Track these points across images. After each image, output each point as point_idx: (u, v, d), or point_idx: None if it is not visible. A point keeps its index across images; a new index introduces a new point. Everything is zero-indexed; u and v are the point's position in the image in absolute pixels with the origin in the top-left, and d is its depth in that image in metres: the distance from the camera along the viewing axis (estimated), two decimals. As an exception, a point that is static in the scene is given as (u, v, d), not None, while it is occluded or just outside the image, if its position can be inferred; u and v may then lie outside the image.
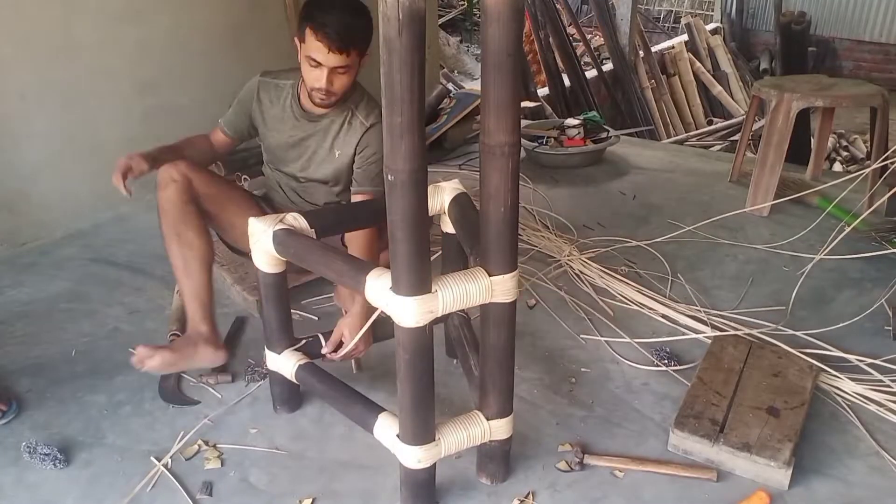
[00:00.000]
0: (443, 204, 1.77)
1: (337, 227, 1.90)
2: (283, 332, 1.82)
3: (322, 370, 1.78)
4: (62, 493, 1.64)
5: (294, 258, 1.64)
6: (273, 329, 1.81)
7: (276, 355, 1.82)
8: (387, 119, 1.22)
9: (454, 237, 1.81)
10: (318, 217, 1.75)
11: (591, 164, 3.83)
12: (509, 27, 1.22)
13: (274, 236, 1.62)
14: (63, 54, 2.85)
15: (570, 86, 6.38)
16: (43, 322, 2.32)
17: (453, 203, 1.75)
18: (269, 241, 1.63)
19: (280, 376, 1.84)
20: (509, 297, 1.44)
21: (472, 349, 1.80)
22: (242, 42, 3.49)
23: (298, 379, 1.79)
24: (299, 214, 1.69)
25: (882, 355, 2.08)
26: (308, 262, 1.60)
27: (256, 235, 1.66)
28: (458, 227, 1.72)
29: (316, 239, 1.66)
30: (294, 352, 1.82)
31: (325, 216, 1.86)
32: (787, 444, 1.67)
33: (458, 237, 1.75)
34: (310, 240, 1.63)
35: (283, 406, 1.90)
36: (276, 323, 1.80)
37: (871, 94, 3.08)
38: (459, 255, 1.85)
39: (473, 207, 1.75)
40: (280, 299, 1.77)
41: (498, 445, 1.62)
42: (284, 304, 1.79)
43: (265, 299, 1.77)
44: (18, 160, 2.80)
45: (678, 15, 10.28)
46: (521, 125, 1.34)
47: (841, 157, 6.16)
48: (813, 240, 2.72)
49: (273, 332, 1.81)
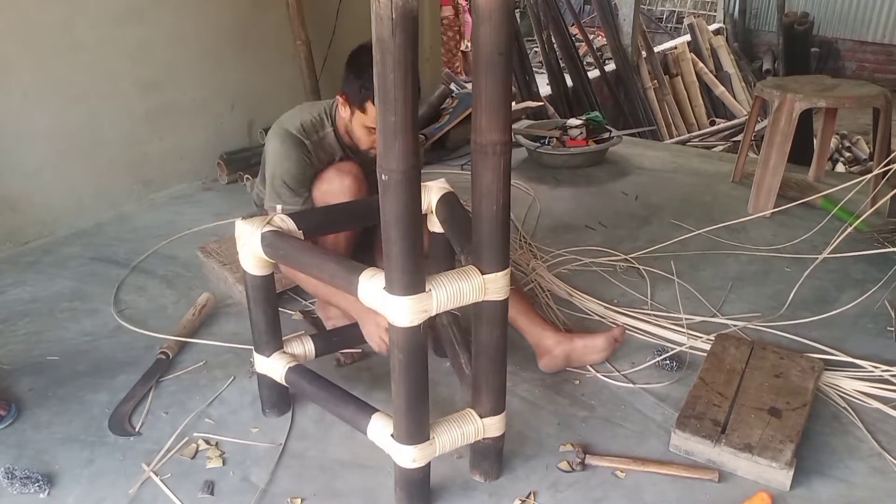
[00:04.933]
0: (430, 203, 1.77)
1: (325, 228, 1.89)
2: (272, 335, 1.80)
3: (312, 372, 1.76)
4: (64, 493, 1.64)
5: (283, 260, 1.63)
6: (261, 332, 1.79)
7: (265, 358, 1.80)
8: (381, 119, 1.22)
9: (441, 236, 1.80)
10: (306, 218, 1.74)
11: (594, 165, 3.82)
12: (500, 27, 1.23)
13: (262, 238, 1.60)
14: (65, 54, 2.86)
15: (573, 86, 6.38)
16: (45, 321, 2.32)
17: (441, 202, 1.75)
18: (256, 243, 1.61)
19: (269, 379, 1.82)
20: (501, 294, 1.45)
21: (461, 348, 1.80)
22: (244, 41, 3.50)
23: (288, 381, 1.77)
24: (286, 216, 1.68)
25: (884, 356, 2.08)
26: (299, 263, 1.59)
27: (244, 238, 1.65)
28: (448, 226, 1.72)
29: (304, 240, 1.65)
30: (283, 354, 1.80)
31: (312, 217, 1.85)
32: (788, 445, 1.66)
33: (448, 236, 1.74)
34: (300, 241, 1.62)
35: (273, 409, 1.88)
36: (264, 325, 1.78)
37: (873, 95, 3.08)
38: (446, 253, 1.84)
39: (462, 206, 1.75)
40: (268, 301, 1.76)
41: (491, 443, 1.62)
42: (272, 306, 1.77)
43: (252, 302, 1.75)
44: (21, 159, 2.80)
45: (681, 15, 10.29)
46: (512, 124, 1.35)
47: (843, 158, 6.15)
48: (816, 241, 2.71)
49: (261, 334, 1.79)
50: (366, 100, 2.00)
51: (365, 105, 2.01)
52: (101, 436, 1.81)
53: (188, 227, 2.99)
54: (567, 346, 2.01)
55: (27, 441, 1.79)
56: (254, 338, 1.81)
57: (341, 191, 2.06)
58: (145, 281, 2.57)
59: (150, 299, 2.45)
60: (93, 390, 1.98)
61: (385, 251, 1.31)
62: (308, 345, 1.89)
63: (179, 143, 3.37)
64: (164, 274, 2.62)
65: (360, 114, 2.04)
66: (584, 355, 2.03)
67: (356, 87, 2.00)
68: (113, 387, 1.99)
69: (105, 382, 2.01)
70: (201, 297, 2.34)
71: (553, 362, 2.02)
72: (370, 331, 1.91)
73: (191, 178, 3.47)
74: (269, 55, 3.63)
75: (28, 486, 1.62)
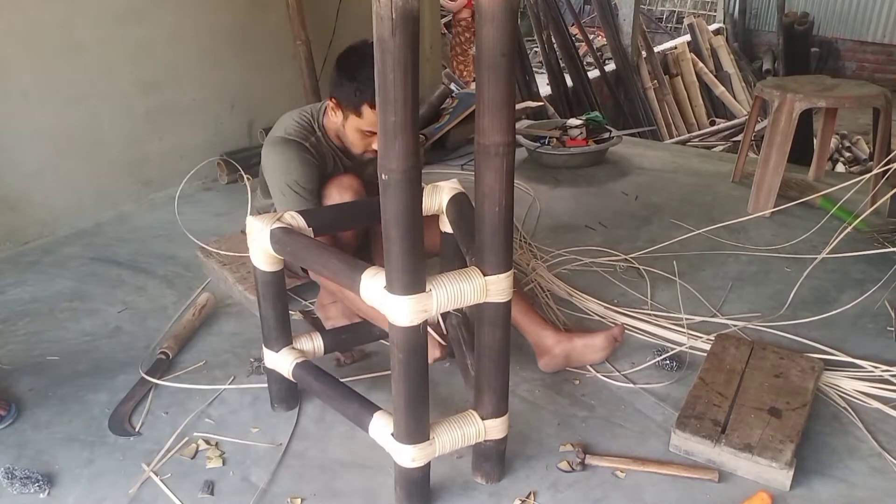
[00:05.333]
0: (441, 204, 1.77)
1: (335, 226, 1.90)
2: (281, 330, 1.81)
3: (319, 368, 1.78)
4: (64, 493, 1.64)
5: (290, 256, 1.64)
6: (270, 327, 1.80)
7: (274, 353, 1.82)
8: (381, 119, 1.22)
9: (453, 237, 1.80)
10: (316, 216, 1.75)
11: (594, 165, 3.82)
12: (504, 28, 1.23)
13: (271, 235, 1.62)
14: (65, 53, 2.86)
15: (573, 86, 6.38)
16: (45, 321, 2.32)
17: (451, 203, 1.75)
18: (266, 240, 1.63)
19: (277, 374, 1.84)
20: (504, 296, 1.44)
21: (468, 348, 1.80)
22: (244, 41, 3.50)
23: (295, 377, 1.78)
24: (297, 213, 1.69)
25: (884, 356, 2.08)
26: (304, 260, 1.60)
27: (254, 234, 1.66)
28: (456, 227, 1.72)
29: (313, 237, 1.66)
30: (291, 350, 1.82)
31: (323, 215, 1.86)
32: (788, 445, 1.66)
33: (456, 237, 1.74)
34: (306, 238, 1.63)
35: (281, 404, 1.90)
36: (273, 321, 1.79)
37: (873, 95, 3.08)
38: (457, 254, 1.85)
39: (471, 207, 1.75)
40: (278, 297, 1.77)
41: (493, 445, 1.62)
42: (282, 302, 1.79)
43: (262, 297, 1.77)
44: (21, 159, 2.80)
45: (681, 15, 10.29)
46: (515, 125, 1.35)
47: (843, 158, 6.15)
48: (815, 241, 2.71)
49: (270, 330, 1.81)
50: (362, 103, 1.96)
51: (361, 109, 1.97)
52: (101, 436, 1.81)
53: (188, 227, 2.99)
54: (567, 346, 2.01)
55: (27, 441, 1.79)
56: (263, 333, 1.82)
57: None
58: (145, 281, 2.57)
59: (150, 299, 2.45)
60: (93, 390, 1.98)
61: (385, 251, 1.31)
62: (317, 341, 1.90)
63: (179, 143, 3.37)
64: (164, 274, 2.62)
65: (355, 118, 2.01)
66: (584, 355, 2.03)
67: (350, 91, 1.96)
68: (113, 387, 1.99)
69: (105, 382, 2.01)
70: (201, 297, 2.34)
71: (553, 362, 2.02)
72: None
73: (191, 179, 3.46)
74: (269, 55, 3.63)
75: (28, 486, 1.62)
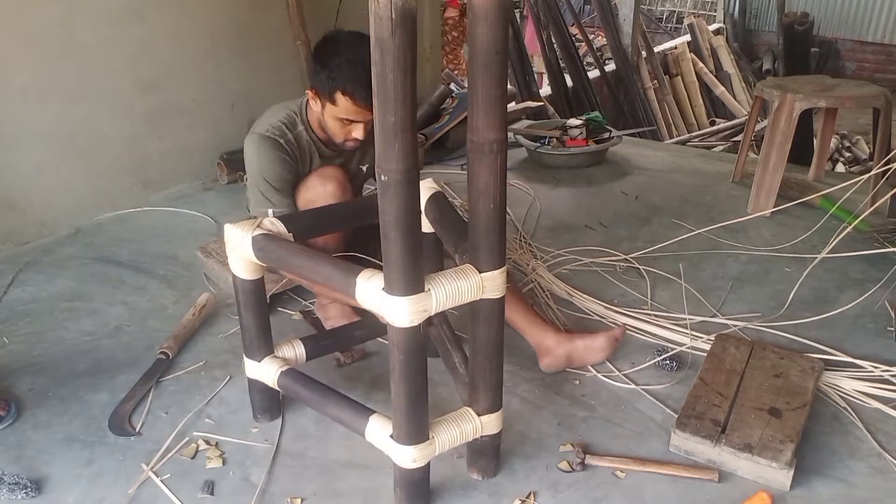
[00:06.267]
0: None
1: (315, 230, 1.87)
2: (263, 339, 1.77)
3: (305, 375, 1.73)
4: (64, 493, 1.64)
5: (276, 263, 1.61)
6: (252, 336, 1.76)
7: (256, 363, 1.78)
8: (380, 119, 1.22)
9: (430, 236, 1.79)
10: (295, 220, 1.72)
11: (594, 165, 3.82)
12: (497, 26, 1.23)
13: (253, 241, 1.58)
14: (65, 53, 2.86)
15: (573, 86, 6.38)
16: (45, 321, 2.32)
17: (430, 202, 1.74)
18: (248, 247, 1.59)
19: (259, 384, 1.80)
20: (498, 293, 1.45)
21: (454, 346, 1.79)
22: (244, 41, 3.50)
23: (281, 386, 1.74)
24: (276, 219, 1.67)
25: (884, 356, 2.08)
26: (292, 267, 1.58)
27: (233, 242, 1.62)
28: (439, 225, 1.71)
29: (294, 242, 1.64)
30: (274, 358, 1.78)
31: (302, 219, 1.83)
32: (788, 445, 1.66)
33: (440, 236, 1.73)
34: (292, 244, 1.61)
35: (264, 415, 1.86)
36: (255, 330, 1.76)
37: (873, 95, 3.08)
38: (436, 253, 1.84)
39: (451, 206, 1.75)
40: (259, 306, 1.74)
41: (489, 440, 1.62)
42: (263, 310, 1.75)
43: (243, 306, 1.73)
44: (20, 159, 2.80)
45: (681, 15, 10.29)
46: (512, 124, 1.35)
47: (843, 158, 6.16)
48: (815, 240, 2.71)
49: (252, 339, 1.77)
50: (335, 91, 1.96)
51: (335, 96, 1.97)
52: (101, 436, 1.81)
53: (188, 227, 2.99)
54: (568, 346, 2.01)
55: (27, 441, 1.79)
56: (244, 343, 1.78)
57: (325, 197, 2.04)
58: (145, 281, 2.57)
59: (150, 299, 2.45)
60: (93, 390, 1.98)
61: (384, 251, 1.31)
62: (299, 348, 1.86)
63: (179, 143, 3.37)
64: (164, 274, 2.62)
65: (331, 106, 2.01)
66: (584, 355, 2.03)
67: (324, 79, 1.97)
68: (113, 387, 1.99)
69: (105, 382, 2.01)
70: (201, 297, 2.34)
71: (554, 362, 2.02)
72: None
73: (191, 178, 3.47)
74: (269, 55, 3.63)
75: (16, 492, 1.61)
